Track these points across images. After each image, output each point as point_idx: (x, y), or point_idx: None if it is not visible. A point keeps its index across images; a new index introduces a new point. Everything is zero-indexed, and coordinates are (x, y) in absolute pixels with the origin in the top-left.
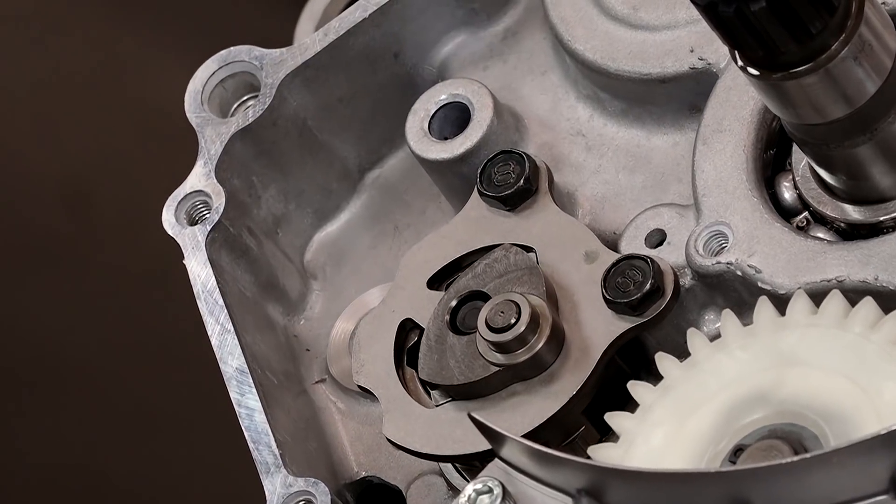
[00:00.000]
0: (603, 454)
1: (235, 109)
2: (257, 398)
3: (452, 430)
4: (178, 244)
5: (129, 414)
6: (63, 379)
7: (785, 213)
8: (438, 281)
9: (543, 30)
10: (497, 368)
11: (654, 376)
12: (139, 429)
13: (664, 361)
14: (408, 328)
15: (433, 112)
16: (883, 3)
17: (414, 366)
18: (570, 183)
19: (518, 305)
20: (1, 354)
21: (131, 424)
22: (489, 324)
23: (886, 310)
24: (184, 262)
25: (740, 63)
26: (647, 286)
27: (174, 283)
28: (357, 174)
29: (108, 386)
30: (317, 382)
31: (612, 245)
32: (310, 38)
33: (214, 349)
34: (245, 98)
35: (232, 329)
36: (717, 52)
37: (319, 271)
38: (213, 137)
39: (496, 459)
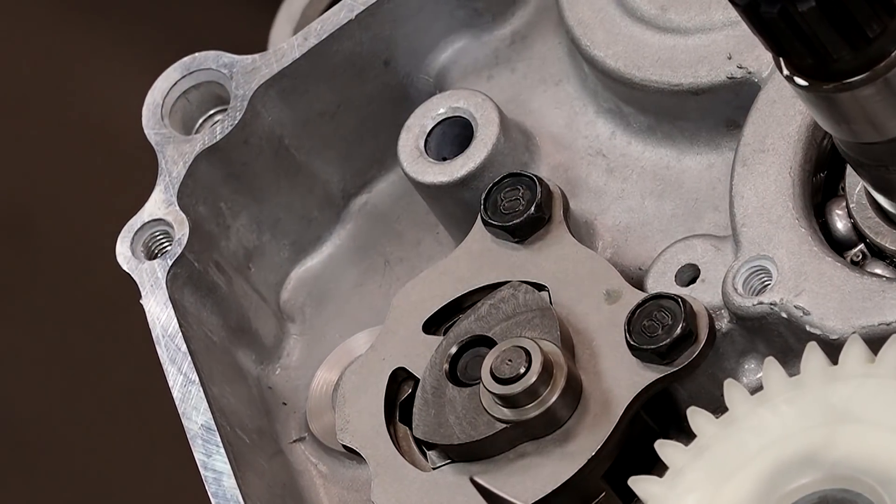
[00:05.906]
0: None
1: (201, 125)
2: (226, 460)
3: (452, 496)
4: (134, 281)
5: (75, 478)
6: None
7: (837, 245)
8: (436, 324)
9: (558, 33)
10: (504, 426)
11: (685, 434)
12: (88, 497)
13: (697, 417)
14: (400, 379)
15: (430, 129)
16: None
17: (407, 422)
18: (588, 211)
19: (528, 353)
20: None
21: (78, 491)
22: (495, 374)
23: None
24: (141, 301)
25: (786, 72)
26: (678, 330)
27: (129, 327)
28: (341, 200)
29: (50, 446)
30: (295, 441)
31: (638, 283)
32: (287, 43)
33: (176, 403)
34: (212, 112)
35: (197, 380)
36: (758, 59)
37: (298, 313)
38: (174, 157)
39: None
